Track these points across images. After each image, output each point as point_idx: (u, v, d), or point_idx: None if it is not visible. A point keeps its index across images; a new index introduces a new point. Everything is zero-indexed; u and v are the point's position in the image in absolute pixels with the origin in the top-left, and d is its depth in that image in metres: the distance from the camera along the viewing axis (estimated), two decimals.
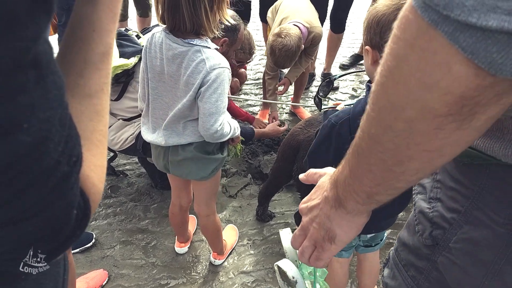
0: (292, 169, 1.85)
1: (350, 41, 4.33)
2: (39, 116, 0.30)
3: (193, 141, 1.41)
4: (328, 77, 1.94)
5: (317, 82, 3.48)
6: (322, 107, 2.00)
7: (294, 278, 0.76)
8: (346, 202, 0.53)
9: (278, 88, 2.71)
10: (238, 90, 3.26)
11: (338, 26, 3.12)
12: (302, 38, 2.32)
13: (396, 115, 0.39)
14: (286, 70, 2.79)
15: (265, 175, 2.36)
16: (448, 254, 0.59)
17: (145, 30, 2.12)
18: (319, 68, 3.63)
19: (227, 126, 1.39)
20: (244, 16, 2.01)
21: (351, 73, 3.33)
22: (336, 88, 3.38)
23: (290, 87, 2.87)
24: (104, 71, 0.48)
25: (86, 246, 1.92)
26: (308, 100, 3.23)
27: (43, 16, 0.29)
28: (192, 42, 1.26)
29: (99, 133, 0.46)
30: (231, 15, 1.50)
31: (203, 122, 1.32)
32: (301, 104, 3.05)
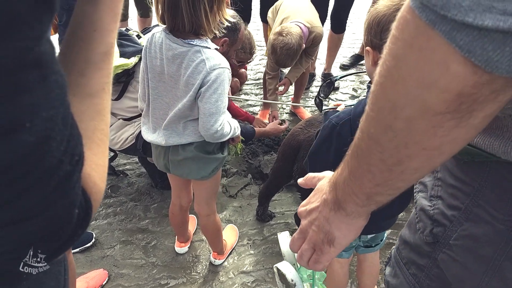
0: (292, 169, 1.85)
1: (351, 41, 4.33)
2: (42, 116, 0.30)
3: (193, 141, 1.41)
4: (329, 78, 1.93)
5: (317, 82, 3.47)
6: (323, 108, 2.00)
7: (293, 281, 0.76)
8: (345, 204, 0.53)
9: (278, 88, 2.70)
10: (238, 90, 3.26)
11: (339, 26, 3.12)
12: (303, 38, 2.32)
13: (395, 115, 0.39)
14: (286, 70, 2.79)
15: (265, 175, 2.36)
16: (449, 251, 0.60)
17: (145, 30, 2.12)
18: (320, 68, 3.63)
19: (227, 126, 1.39)
20: (244, 16, 2.01)
21: (352, 74, 3.33)
22: (337, 89, 3.38)
23: (291, 87, 2.87)
24: (106, 70, 0.48)
25: (86, 245, 1.92)
26: (308, 100, 3.23)
27: (46, 16, 0.29)
28: (192, 43, 1.26)
29: (101, 132, 0.46)
30: (231, 15, 1.50)
31: (203, 122, 1.32)
32: (302, 104, 3.05)
